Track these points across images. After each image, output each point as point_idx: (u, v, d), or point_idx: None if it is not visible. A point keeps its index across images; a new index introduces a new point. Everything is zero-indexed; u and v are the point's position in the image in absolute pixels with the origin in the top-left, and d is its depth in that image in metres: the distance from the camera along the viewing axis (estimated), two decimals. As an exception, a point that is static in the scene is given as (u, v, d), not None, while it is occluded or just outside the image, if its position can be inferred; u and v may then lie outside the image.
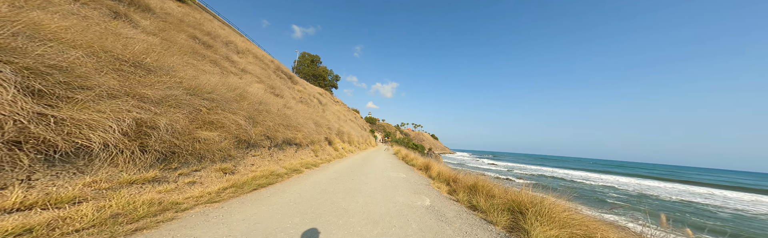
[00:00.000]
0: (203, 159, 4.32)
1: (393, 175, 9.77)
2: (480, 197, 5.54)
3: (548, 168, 65.75)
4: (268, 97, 9.99)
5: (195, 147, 4.12)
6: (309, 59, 59.76)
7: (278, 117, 8.58)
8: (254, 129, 6.52)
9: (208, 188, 4.01)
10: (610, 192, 32.32)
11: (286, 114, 9.84)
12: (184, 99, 4.27)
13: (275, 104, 9.60)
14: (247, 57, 16.71)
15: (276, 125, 8.08)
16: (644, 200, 28.27)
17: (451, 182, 8.69)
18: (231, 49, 14.68)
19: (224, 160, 5.02)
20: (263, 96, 9.58)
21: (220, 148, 4.84)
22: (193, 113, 4.42)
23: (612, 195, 30.05)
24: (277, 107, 9.44)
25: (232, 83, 7.10)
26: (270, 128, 7.58)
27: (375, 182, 7.88)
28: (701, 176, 72.50)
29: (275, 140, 7.86)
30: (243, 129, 5.65)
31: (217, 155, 4.69)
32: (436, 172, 10.69)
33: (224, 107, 5.32)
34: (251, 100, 7.31)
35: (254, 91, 9.33)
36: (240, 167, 5.49)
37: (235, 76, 10.37)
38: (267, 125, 7.38)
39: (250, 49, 18.21)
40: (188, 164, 4.08)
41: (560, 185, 33.58)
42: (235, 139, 5.49)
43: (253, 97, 7.67)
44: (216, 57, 9.92)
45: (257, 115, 7.05)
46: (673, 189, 37.96)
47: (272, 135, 7.66)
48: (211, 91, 5.29)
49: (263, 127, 7.10)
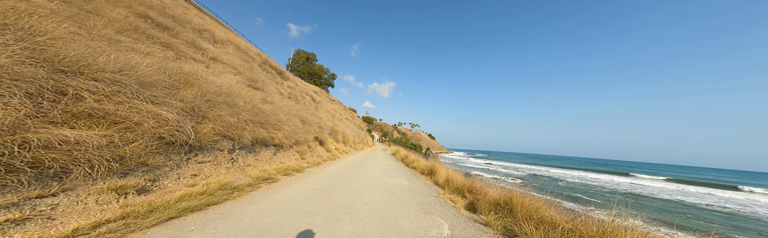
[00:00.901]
0: (66, 174, 2.48)
1: (393, 182, 7.97)
2: (525, 223, 3.73)
3: (543, 167, 65.72)
4: (239, 88, 8.13)
5: (46, 156, 2.29)
6: (304, 57, 57.49)
7: (247, 112, 6.73)
8: (202, 126, 4.68)
9: (65, 226, 2.19)
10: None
11: (261, 109, 7.98)
12: (26, 73, 2.43)
13: (247, 97, 7.74)
14: (227, 47, 14.79)
15: (242, 121, 6.22)
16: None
17: (465, 192, 6.91)
18: (204, 37, 12.76)
19: (129, 172, 3.18)
20: (232, 87, 7.71)
21: (121, 154, 3.01)
22: (51, 98, 2.57)
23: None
24: (249, 101, 7.59)
25: (174, 67, 5.23)
26: (232, 126, 5.73)
27: (371, 193, 6.08)
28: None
29: (241, 141, 6.01)
30: (173, 126, 3.80)
31: (113, 166, 2.86)
32: (443, 177, 8.90)
33: (139, 94, 3.47)
34: (204, 89, 5.44)
35: (220, 81, 7.47)
36: (166, 181, 3.64)
37: (199, 65, 8.49)
38: (226, 121, 5.52)
39: (231, 40, 16.29)
40: (25, 186, 2.25)
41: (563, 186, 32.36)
42: (159, 140, 3.65)
43: (209, 86, 5.80)
44: (173, 41, 8.02)
45: (210, 108, 5.19)
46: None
47: (236, 134, 5.81)
48: (118, 70, 3.44)
49: (220, 123, 5.25)
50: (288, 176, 7.12)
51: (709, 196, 30.76)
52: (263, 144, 7.58)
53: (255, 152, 6.94)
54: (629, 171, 63.43)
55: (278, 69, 23.17)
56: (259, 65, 17.77)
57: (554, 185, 31.92)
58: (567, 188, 31.37)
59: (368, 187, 6.81)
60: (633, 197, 27.63)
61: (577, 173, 52.75)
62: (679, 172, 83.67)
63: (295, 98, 18.22)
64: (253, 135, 6.61)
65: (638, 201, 25.01)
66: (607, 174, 52.71)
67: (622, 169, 75.70)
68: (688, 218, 19.45)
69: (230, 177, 5.07)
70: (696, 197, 28.96)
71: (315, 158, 11.96)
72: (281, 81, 20.61)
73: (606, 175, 50.89)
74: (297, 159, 9.80)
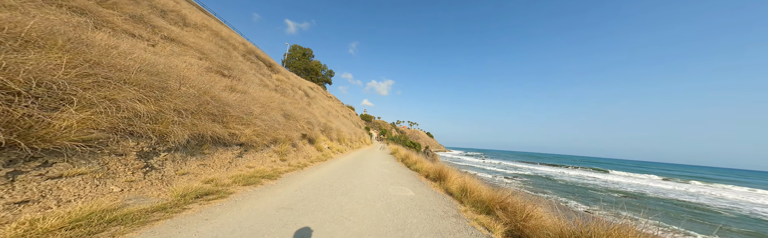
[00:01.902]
0: None
1: (394, 191, 5.99)
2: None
3: (542, 167, 64.38)
4: (190, 72, 6.10)
5: None
6: (300, 52, 54.99)
7: (186, 99, 4.69)
8: (59, 115, 2.69)
9: None
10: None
11: (218, 98, 5.95)
12: None
13: (197, 82, 5.71)
14: (201, 32, 12.69)
15: (172, 110, 4.21)
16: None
17: (497, 209, 4.94)
18: (169, 18, 10.66)
19: None
20: (175, 68, 5.68)
21: None
22: None
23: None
24: (196, 85, 5.55)
25: (43, 26, 3.21)
26: (146, 116, 3.73)
27: (364, 212, 4.11)
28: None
29: (168, 139, 4.02)
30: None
31: None
32: (457, 185, 6.91)
33: None
34: (86, 57, 3.43)
35: (154, 59, 5.42)
36: None
37: (138, 41, 6.43)
38: (132, 108, 3.52)
39: (209, 27, 14.17)
40: None
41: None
42: None
43: (110, 59, 3.79)
44: (100, 10, 5.95)
45: (91, 86, 3.18)
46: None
47: (156, 130, 3.82)
48: None
49: (112, 111, 3.25)
50: (252, 185, 5.11)
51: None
52: (219, 143, 5.56)
53: (202, 155, 4.93)
54: (609, 168, 65.13)
55: (267, 61, 21.06)
56: (241, 55, 15.67)
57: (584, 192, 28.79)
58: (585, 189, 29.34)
59: (361, 201, 4.83)
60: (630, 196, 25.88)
61: (576, 172, 50.97)
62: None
63: (283, 92, 16.16)
64: (195, 131, 4.60)
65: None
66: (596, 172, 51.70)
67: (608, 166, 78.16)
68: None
69: (125, 197, 3.08)
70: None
71: (300, 160, 9.95)
72: (269, 73, 18.52)
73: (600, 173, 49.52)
74: (274, 161, 7.79)
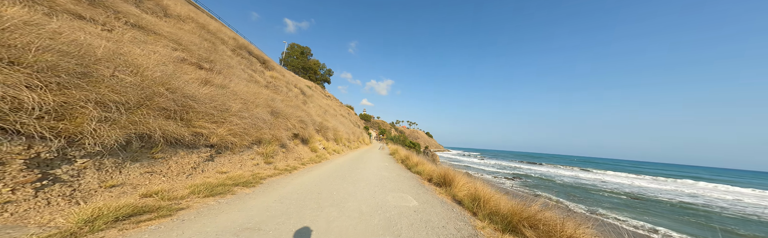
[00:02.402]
0: None
1: (395, 201, 5.00)
2: None
3: (544, 168, 63.38)
4: (142, 59, 5.06)
5: None
6: (298, 51, 53.76)
7: (126, 89, 3.68)
8: None
9: None
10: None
11: (182, 91, 4.94)
12: None
13: (153, 71, 4.69)
14: (184, 24, 11.66)
15: (95, 103, 3.22)
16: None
17: (523, 227, 3.95)
18: (145, 7, 9.61)
19: None
20: (120, 54, 4.68)
21: None
22: None
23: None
24: (148, 75, 4.54)
25: None
26: (48, 110, 2.73)
27: (356, 232, 3.14)
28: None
29: (84, 141, 3.01)
30: None
31: None
32: (465, 192, 5.91)
33: None
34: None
35: (91, 41, 4.41)
36: None
37: (90, 25, 5.42)
38: (16, 99, 2.52)
39: (195, 19, 13.14)
40: None
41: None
42: None
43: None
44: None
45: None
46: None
47: (52, 129, 2.82)
48: None
49: None
50: (217, 197, 4.11)
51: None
52: (180, 145, 4.56)
53: (151, 160, 3.92)
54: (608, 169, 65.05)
55: (261, 58, 20.04)
56: (231, 49, 14.64)
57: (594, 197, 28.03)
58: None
59: (354, 215, 3.84)
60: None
61: (572, 173, 50.13)
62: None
63: (275, 89, 15.12)
64: (136, 130, 3.59)
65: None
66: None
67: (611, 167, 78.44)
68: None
69: None
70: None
71: (290, 162, 8.94)
72: (262, 70, 17.49)
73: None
74: (257, 165, 6.78)
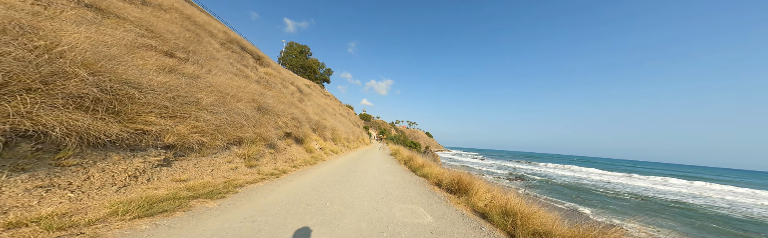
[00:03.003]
0: None
1: (403, 215, 3.85)
2: None
3: (543, 168, 62.32)
4: (66, 35, 3.93)
5: None
6: (297, 50, 52.56)
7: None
8: None
9: None
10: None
11: (117, 76, 3.80)
12: None
13: (79, 50, 3.56)
14: (166, 13, 10.50)
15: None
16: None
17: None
18: (120, -13, 8.48)
19: None
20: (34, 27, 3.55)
21: None
22: None
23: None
24: (64, 54, 3.40)
25: None
26: None
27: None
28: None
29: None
30: None
31: None
32: (488, 202, 4.80)
33: None
34: None
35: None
36: None
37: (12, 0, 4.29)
38: None
39: (179, 10, 11.99)
40: None
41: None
42: None
43: None
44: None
45: None
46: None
47: None
48: None
49: None
50: (157, 217, 2.96)
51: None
52: (113, 146, 3.43)
53: (53, 168, 2.77)
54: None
55: (255, 54, 18.90)
56: (220, 43, 13.49)
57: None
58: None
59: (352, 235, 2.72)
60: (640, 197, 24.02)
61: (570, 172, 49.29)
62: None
63: (268, 85, 13.97)
64: (10, 123, 2.46)
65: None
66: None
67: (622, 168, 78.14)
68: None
69: None
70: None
71: (279, 165, 7.79)
72: (256, 66, 16.35)
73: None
74: (234, 169, 5.64)
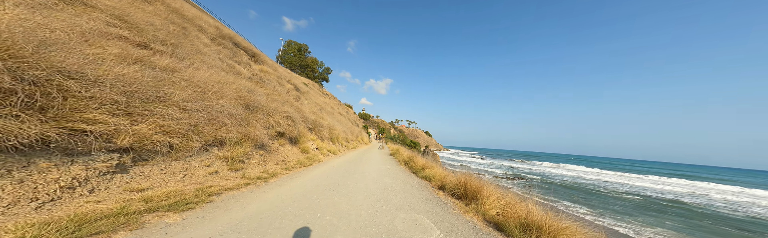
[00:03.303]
0: None
1: (406, 228, 3.12)
2: None
3: (541, 168, 61.78)
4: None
5: None
6: (296, 48, 51.76)
7: None
8: None
9: None
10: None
11: (50, 63, 3.14)
12: None
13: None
14: (149, 5, 9.81)
15: None
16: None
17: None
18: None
19: None
20: None
21: None
22: None
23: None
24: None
25: None
26: None
27: None
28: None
29: None
30: None
31: None
32: (501, 210, 4.14)
33: None
34: None
35: None
36: None
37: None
38: None
39: (165, 1, 11.30)
40: None
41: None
42: None
43: None
44: None
45: None
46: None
47: None
48: None
49: None
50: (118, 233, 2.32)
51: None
52: (40, 150, 2.77)
53: None
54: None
55: (250, 51, 18.20)
56: (210, 38, 12.78)
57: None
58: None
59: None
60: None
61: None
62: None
63: (261, 82, 13.28)
64: None
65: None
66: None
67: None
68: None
69: None
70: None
71: (269, 167, 7.12)
72: (249, 62, 15.65)
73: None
74: (213, 173, 4.98)
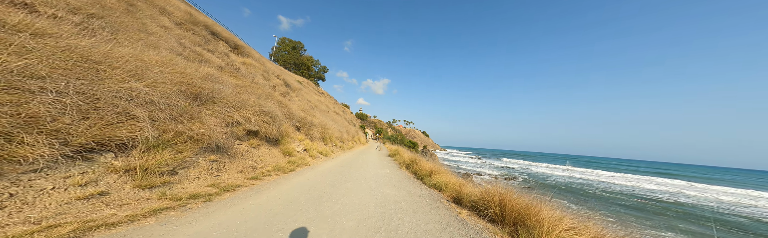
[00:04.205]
0: None
1: None
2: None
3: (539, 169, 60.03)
4: None
5: None
6: (290, 46, 49.68)
7: None
8: None
9: None
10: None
11: None
12: None
13: None
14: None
15: None
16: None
17: None
18: None
19: None
20: None
21: None
22: None
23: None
24: None
25: None
26: None
27: None
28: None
29: None
30: None
31: None
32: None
33: None
34: None
35: None
36: None
37: None
38: None
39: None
40: None
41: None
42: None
43: None
44: None
45: None
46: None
47: None
48: None
49: None
50: None
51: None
52: None
53: None
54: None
55: (233, 42, 16.22)
56: (176, 23, 10.79)
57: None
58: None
59: None
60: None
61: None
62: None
63: (236, 73, 11.29)
64: None
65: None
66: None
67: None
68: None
69: None
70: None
71: (227, 176, 5.21)
72: (226, 52, 13.67)
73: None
74: (94, 196, 3.09)
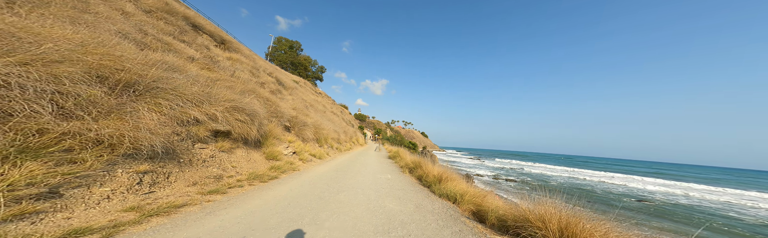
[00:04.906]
0: None
1: None
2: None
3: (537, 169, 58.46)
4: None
5: None
6: (287, 45, 48.28)
7: None
8: None
9: None
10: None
11: None
12: None
13: None
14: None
15: None
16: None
17: None
18: None
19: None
20: None
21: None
22: None
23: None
24: None
25: None
26: None
27: None
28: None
29: None
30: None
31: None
32: None
33: None
34: None
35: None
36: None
37: None
38: None
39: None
40: None
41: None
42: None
43: None
44: None
45: None
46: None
47: None
48: None
49: None
50: None
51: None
52: None
53: None
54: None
55: (218, 36, 14.85)
56: (145, 11, 9.42)
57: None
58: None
59: None
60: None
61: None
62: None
63: (212, 66, 9.87)
64: None
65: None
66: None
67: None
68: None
69: None
70: None
71: (166, 193, 3.85)
72: (208, 45, 12.29)
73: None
74: None
